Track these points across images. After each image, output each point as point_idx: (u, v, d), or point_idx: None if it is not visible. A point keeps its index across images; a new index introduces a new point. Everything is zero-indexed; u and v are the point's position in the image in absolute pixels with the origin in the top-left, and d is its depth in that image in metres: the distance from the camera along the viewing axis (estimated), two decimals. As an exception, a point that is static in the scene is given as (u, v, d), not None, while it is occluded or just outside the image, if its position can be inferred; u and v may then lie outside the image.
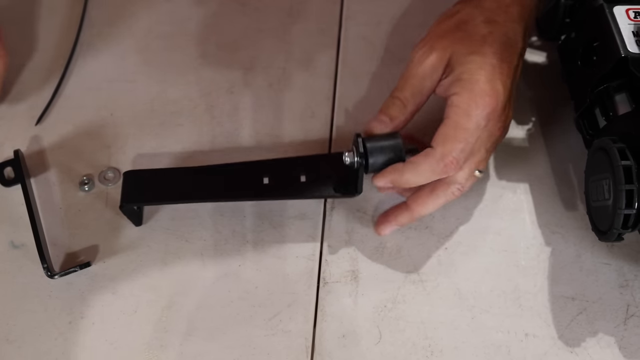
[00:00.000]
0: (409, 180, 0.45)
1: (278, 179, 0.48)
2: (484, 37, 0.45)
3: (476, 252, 0.49)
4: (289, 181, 0.48)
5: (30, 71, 0.60)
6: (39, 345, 0.45)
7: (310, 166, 0.48)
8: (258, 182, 0.48)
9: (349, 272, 0.48)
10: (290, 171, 0.48)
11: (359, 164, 0.45)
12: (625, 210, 0.40)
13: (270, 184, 0.48)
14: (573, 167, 0.52)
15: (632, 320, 0.45)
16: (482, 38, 0.44)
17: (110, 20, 0.63)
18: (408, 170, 0.44)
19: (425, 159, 0.44)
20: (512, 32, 0.46)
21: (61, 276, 0.47)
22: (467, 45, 0.44)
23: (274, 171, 0.48)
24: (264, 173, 0.48)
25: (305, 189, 0.48)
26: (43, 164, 0.54)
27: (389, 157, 0.45)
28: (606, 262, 0.48)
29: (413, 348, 0.45)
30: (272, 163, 0.49)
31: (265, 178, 0.48)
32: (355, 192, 0.47)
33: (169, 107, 0.57)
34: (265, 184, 0.48)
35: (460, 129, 0.43)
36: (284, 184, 0.48)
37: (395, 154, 0.45)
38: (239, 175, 0.49)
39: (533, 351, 0.44)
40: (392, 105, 0.46)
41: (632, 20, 0.45)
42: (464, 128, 0.43)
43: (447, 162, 0.43)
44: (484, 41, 0.44)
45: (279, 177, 0.48)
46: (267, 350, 0.45)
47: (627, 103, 0.45)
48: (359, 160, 0.45)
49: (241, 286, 0.47)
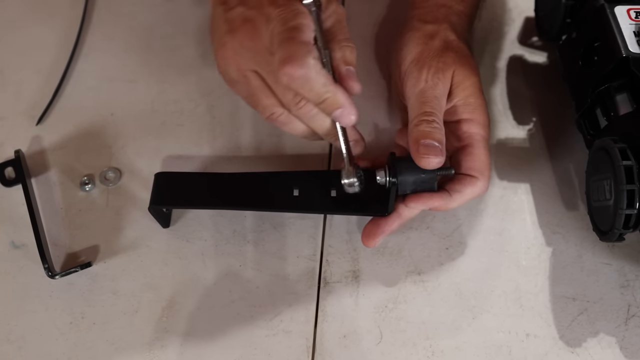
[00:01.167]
0: (452, 207, 0.46)
1: (308, 191, 0.47)
2: (469, 56, 0.48)
3: (477, 252, 0.49)
4: (318, 195, 0.47)
5: (31, 71, 0.60)
6: (40, 345, 0.45)
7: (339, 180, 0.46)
8: (288, 193, 0.47)
9: (350, 272, 0.48)
10: (321, 184, 0.47)
11: (391, 183, 0.45)
12: (627, 211, 0.40)
13: (300, 196, 0.47)
14: (574, 167, 0.52)
15: (633, 320, 0.45)
16: (469, 58, 0.48)
17: (111, 21, 0.63)
18: (455, 200, 0.45)
19: (472, 189, 0.46)
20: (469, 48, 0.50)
21: (62, 276, 0.47)
22: (465, 67, 0.47)
23: (305, 183, 0.48)
24: (295, 185, 0.47)
25: (336, 204, 0.47)
26: (44, 164, 0.54)
27: (420, 177, 0.45)
28: (607, 262, 0.48)
29: (414, 348, 0.45)
30: (303, 175, 0.49)
31: (296, 190, 0.47)
32: (386, 211, 0.46)
33: (170, 107, 0.57)
34: (295, 196, 0.47)
35: (488, 153, 0.47)
36: (314, 197, 0.47)
37: (427, 174, 0.45)
38: (270, 185, 0.48)
39: (534, 351, 0.44)
40: (436, 129, 0.44)
41: (633, 20, 0.45)
42: (488, 150, 0.47)
43: (488, 186, 0.46)
44: (471, 61, 0.48)
45: (309, 190, 0.47)
46: (268, 351, 0.45)
47: (628, 103, 0.45)
48: (391, 179, 0.45)
49: (242, 286, 0.47)
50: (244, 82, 0.44)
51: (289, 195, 0.47)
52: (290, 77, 0.40)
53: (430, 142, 0.43)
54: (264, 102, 0.44)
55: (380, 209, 0.46)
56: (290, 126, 0.45)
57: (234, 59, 0.43)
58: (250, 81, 0.44)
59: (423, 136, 0.43)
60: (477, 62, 0.58)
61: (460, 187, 0.45)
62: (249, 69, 0.43)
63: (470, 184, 0.45)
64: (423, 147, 0.43)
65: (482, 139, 0.46)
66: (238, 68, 0.44)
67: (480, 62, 0.59)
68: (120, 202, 0.52)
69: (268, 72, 0.42)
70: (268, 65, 0.42)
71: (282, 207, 0.48)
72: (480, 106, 0.47)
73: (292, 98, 0.42)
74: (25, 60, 0.61)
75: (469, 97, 0.47)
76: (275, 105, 0.44)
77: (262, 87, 0.43)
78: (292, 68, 0.39)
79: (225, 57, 0.44)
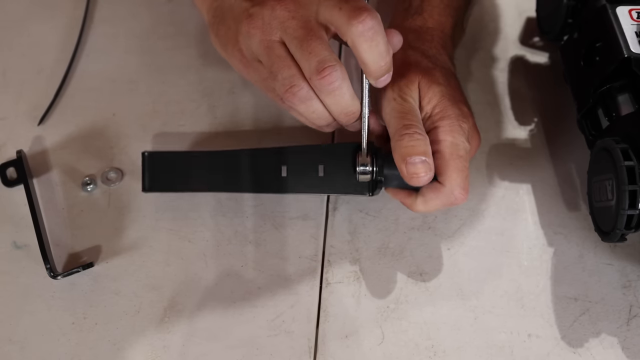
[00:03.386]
0: (419, 210, 0.46)
1: (296, 171, 0.48)
2: (433, 69, 0.48)
3: (479, 252, 0.49)
4: (306, 174, 0.48)
5: (33, 71, 0.60)
6: (42, 345, 0.45)
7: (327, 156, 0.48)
8: (276, 173, 0.48)
9: (352, 273, 0.48)
10: (309, 162, 0.48)
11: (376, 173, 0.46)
12: (629, 211, 0.40)
13: (288, 176, 0.48)
14: (575, 167, 0.52)
15: (635, 320, 0.45)
16: (432, 70, 0.47)
17: (113, 21, 0.63)
18: (420, 203, 0.46)
19: (435, 195, 0.45)
20: (444, 63, 0.50)
21: (64, 277, 0.47)
22: (428, 77, 0.46)
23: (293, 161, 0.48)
24: (283, 162, 0.48)
25: (323, 184, 0.48)
26: (45, 165, 0.54)
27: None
28: (609, 262, 0.48)
29: (416, 349, 0.45)
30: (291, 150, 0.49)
31: (284, 169, 0.48)
32: (368, 192, 0.47)
33: (171, 108, 0.57)
34: (283, 176, 0.48)
35: (456, 159, 0.44)
36: (302, 177, 0.48)
37: None
38: (259, 165, 0.49)
39: (536, 352, 0.44)
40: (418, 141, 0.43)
41: (635, 20, 0.45)
42: (458, 156, 0.44)
43: (457, 193, 0.44)
44: (435, 73, 0.47)
45: (297, 169, 0.48)
46: (270, 351, 0.45)
47: (629, 103, 0.45)
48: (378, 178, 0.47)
49: (244, 287, 0.47)
50: (265, 54, 0.43)
51: (277, 176, 0.48)
52: (365, 25, 0.40)
53: (415, 159, 0.43)
54: (285, 73, 0.43)
55: (365, 189, 0.47)
56: (307, 105, 0.43)
57: (262, 29, 0.43)
58: (273, 51, 0.43)
59: (407, 153, 0.43)
60: (479, 62, 0.59)
61: (425, 191, 0.45)
62: (275, 39, 0.43)
63: (434, 190, 0.45)
64: (411, 166, 0.43)
65: (448, 144, 0.44)
66: (262, 39, 0.43)
67: (482, 62, 0.59)
68: (122, 203, 0.52)
69: (294, 37, 0.42)
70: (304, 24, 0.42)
71: (270, 189, 0.49)
72: (447, 115, 0.45)
73: (317, 65, 0.41)
74: (27, 61, 0.61)
75: (435, 107, 0.46)
76: (297, 77, 0.42)
77: (285, 57, 0.43)
78: (370, 16, 0.40)
79: (253, 28, 0.43)
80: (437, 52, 0.50)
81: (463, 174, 0.44)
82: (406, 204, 0.47)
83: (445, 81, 0.47)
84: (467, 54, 0.59)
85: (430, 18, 0.52)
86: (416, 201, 0.46)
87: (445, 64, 0.50)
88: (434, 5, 0.53)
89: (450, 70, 0.50)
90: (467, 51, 0.59)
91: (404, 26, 0.52)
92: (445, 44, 0.52)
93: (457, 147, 0.44)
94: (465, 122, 0.46)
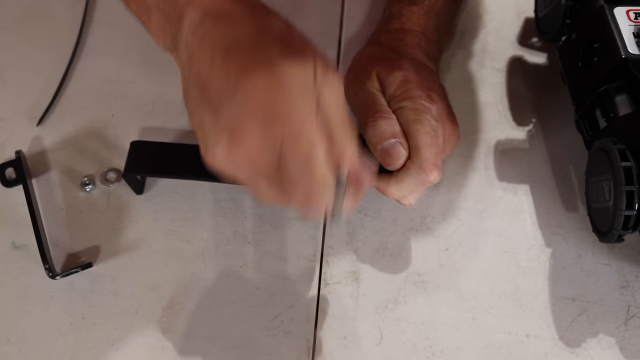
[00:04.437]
0: (393, 193, 0.45)
1: None
2: (398, 59, 0.48)
3: (477, 253, 0.49)
4: None
5: (32, 72, 0.60)
6: (40, 346, 0.45)
7: None
8: None
9: (350, 273, 0.48)
10: None
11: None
12: (626, 212, 0.40)
13: None
14: (573, 168, 0.52)
15: (632, 321, 0.45)
16: (396, 60, 0.48)
17: (111, 21, 0.63)
18: (393, 184, 0.44)
19: (405, 174, 0.44)
20: (417, 57, 0.50)
21: (63, 277, 0.47)
22: (387, 66, 0.47)
23: None
24: None
25: None
26: (44, 165, 0.54)
27: None
28: (607, 263, 0.48)
29: (414, 349, 0.45)
30: None
31: None
32: None
33: (170, 108, 0.57)
34: None
35: (423, 135, 0.43)
36: None
37: None
38: None
39: (534, 352, 0.44)
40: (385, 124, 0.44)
41: (633, 21, 0.45)
42: (424, 132, 0.43)
43: (428, 170, 0.43)
44: (399, 62, 0.47)
45: None
46: (269, 351, 0.45)
47: (627, 104, 0.45)
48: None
49: (242, 287, 0.47)
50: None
51: None
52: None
53: (386, 144, 0.43)
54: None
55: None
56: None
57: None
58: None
59: (377, 140, 0.43)
60: (478, 63, 0.59)
61: (396, 172, 0.44)
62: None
63: (404, 169, 0.43)
64: (383, 152, 0.43)
65: (411, 120, 0.43)
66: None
67: (480, 63, 0.59)
68: (120, 203, 0.52)
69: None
70: None
71: None
72: (410, 95, 0.45)
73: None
74: (25, 61, 0.61)
75: (396, 90, 0.45)
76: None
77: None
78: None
79: None
80: (410, 48, 0.50)
81: (432, 150, 0.43)
82: (380, 189, 0.45)
83: (412, 68, 0.47)
84: (466, 54, 0.59)
85: (409, 21, 0.53)
86: (389, 183, 0.44)
87: (418, 57, 0.50)
88: (413, 11, 0.53)
89: (422, 63, 0.49)
90: (465, 51, 0.59)
91: (383, 30, 0.53)
92: (423, 44, 0.51)
93: (421, 123, 0.43)
94: (432, 104, 0.45)
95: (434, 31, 0.53)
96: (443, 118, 0.46)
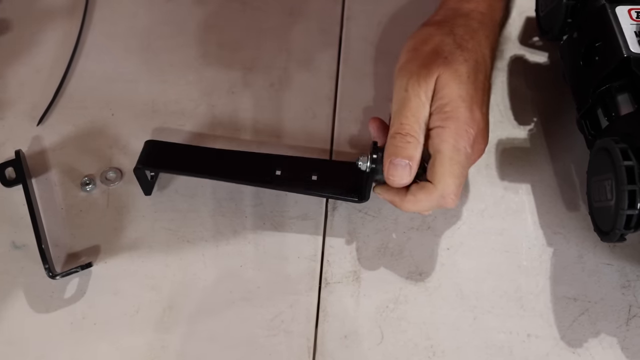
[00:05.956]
0: (408, 208, 0.46)
1: (290, 173, 0.49)
2: (462, 64, 0.46)
3: (478, 252, 0.49)
4: (299, 177, 0.49)
5: (32, 71, 0.60)
6: (40, 346, 0.45)
7: (322, 168, 0.49)
8: (271, 172, 0.49)
9: (351, 273, 0.48)
10: (303, 169, 0.49)
11: (371, 169, 0.46)
12: (628, 211, 0.40)
13: (282, 175, 0.49)
14: (575, 167, 0.52)
15: (634, 320, 0.45)
16: (460, 66, 0.45)
17: (112, 20, 0.63)
18: (408, 201, 0.45)
19: (426, 197, 0.44)
20: (481, 57, 0.47)
21: (63, 277, 0.47)
22: (449, 74, 0.45)
23: (288, 166, 0.49)
24: (278, 166, 0.49)
25: (315, 186, 0.48)
26: (44, 164, 0.54)
27: None
28: (608, 262, 0.48)
29: (415, 349, 0.45)
30: (287, 159, 0.50)
31: (278, 171, 0.49)
32: (363, 198, 0.47)
33: (170, 107, 0.57)
34: (277, 175, 0.49)
35: (455, 164, 0.44)
36: (295, 178, 0.49)
37: None
38: (255, 163, 0.50)
39: (535, 352, 0.44)
40: (408, 144, 0.44)
41: (635, 20, 0.45)
42: (457, 162, 0.44)
43: (447, 198, 0.44)
44: (461, 70, 0.45)
45: (292, 172, 0.49)
46: (269, 351, 0.45)
47: (629, 103, 0.45)
48: (370, 166, 0.46)
49: (243, 287, 0.47)
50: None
51: (271, 174, 0.49)
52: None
53: (399, 161, 0.44)
54: None
55: (357, 195, 0.48)
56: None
57: None
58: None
59: (394, 153, 0.44)
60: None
61: (416, 191, 0.45)
62: None
63: (424, 190, 0.44)
64: (392, 167, 0.44)
65: (449, 147, 0.44)
66: None
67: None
68: (121, 203, 0.52)
69: None
70: None
71: (263, 183, 0.49)
72: (457, 115, 0.44)
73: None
74: (25, 60, 0.61)
75: (446, 106, 0.44)
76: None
77: None
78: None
79: None
80: (478, 45, 0.48)
81: (458, 181, 0.44)
82: (395, 202, 0.46)
83: (470, 78, 0.45)
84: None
85: (483, 1, 0.50)
86: (405, 199, 0.45)
87: (481, 57, 0.47)
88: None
89: (484, 65, 0.48)
90: (466, 51, 0.59)
91: (456, 8, 0.50)
92: (490, 34, 0.49)
93: (458, 152, 0.44)
94: (473, 128, 0.44)
95: (502, 11, 0.51)
96: (478, 140, 0.45)
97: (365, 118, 0.55)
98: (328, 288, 0.47)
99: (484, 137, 0.46)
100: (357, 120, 0.55)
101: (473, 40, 0.48)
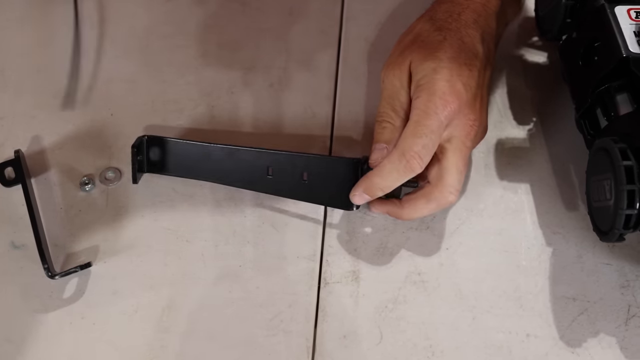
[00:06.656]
0: (378, 184, 0.45)
1: (282, 172, 0.49)
2: (439, 43, 0.46)
3: (477, 252, 0.49)
4: (291, 180, 0.49)
5: (31, 71, 0.60)
6: (39, 345, 0.45)
7: (314, 165, 0.49)
8: (262, 174, 0.49)
9: (350, 273, 0.48)
10: (294, 166, 0.49)
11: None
12: (627, 211, 0.40)
13: (273, 178, 0.49)
14: (574, 167, 0.52)
15: (633, 320, 0.45)
16: (437, 45, 0.46)
17: (111, 20, 0.63)
18: (375, 174, 0.45)
19: (387, 159, 0.45)
20: (467, 37, 0.47)
21: (62, 276, 0.47)
22: (422, 53, 0.46)
23: (279, 164, 0.49)
24: (270, 164, 0.49)
25: (305, 192, 0.49)
26: (44, 164, 0.54)
27: None
28: (607, 262, 0.48)
29: (414, 349, 0.45)
30: (278, 155, 0.50)
31: (270, 169, 0.49)
32: (352, 207, 0.48)
33: (170, 107, 0.57)
34: (269, 177, 0.49)
35: (420, 126, 0.44)
36: (287, 179, 0.49)
37: None
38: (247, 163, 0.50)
39: (534, 352, 0.44)
40: (383, 130, 0.47)
41: (634, 20, 0.45)
42: (423, 124, 0.44)
43: (409, 157, 0.44)
44: (437, 48, 0.46)
45: (283, 171, 0.49)
46: (268, 351, 0.45)
47: (628, 103, 0.45)
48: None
49: (242, 286, 0.47)
50: None
51: (262, 176, 0.49)
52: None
53: (376, 145, 0.47)
54: None
55: (347, 204, 0.48)
56: None
57: None
58: None
59: (374, 140, 0.47)
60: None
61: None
62: None
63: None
64: (372, 152, 0.47)
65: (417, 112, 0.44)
66: None
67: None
68: (120, 202, 0.52)
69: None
70: None
71: (253, 188, 0.50)
72: (431, 85, 0.44)
73: None
74: (25, 60, 0.61)
75: (422, 80, 0.45)
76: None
77: None
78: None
79: None
80: (463, 27, 0.48)
81: (419, 140, 0.44)
82: (392, 213, 0.48)
83: (448, 54, 0.45)
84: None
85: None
86: (372, 172, 0.45)
87: (467, 36, 0.47)
88: None
89: (471, 44, 0.47)
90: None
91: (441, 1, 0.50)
92: (480, 18, 0.49)
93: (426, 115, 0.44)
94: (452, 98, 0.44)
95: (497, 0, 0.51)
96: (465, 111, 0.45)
97: (365, 118, 0.55)
98: (327, 288, 0.47)
99: (474, 111, 0.46)
100: (357, 120, 0.55)
101: (456, 22, 0.48)
